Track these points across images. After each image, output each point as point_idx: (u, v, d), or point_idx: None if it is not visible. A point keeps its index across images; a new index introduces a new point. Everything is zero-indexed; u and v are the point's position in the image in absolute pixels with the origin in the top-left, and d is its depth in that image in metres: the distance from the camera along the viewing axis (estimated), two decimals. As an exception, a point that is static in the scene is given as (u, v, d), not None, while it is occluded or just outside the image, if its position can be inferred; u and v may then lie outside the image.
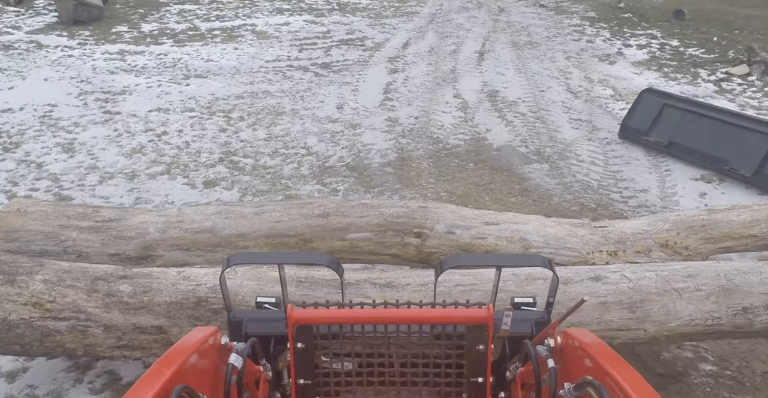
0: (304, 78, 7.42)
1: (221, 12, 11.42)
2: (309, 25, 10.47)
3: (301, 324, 1.51)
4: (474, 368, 1.56)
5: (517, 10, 12.62)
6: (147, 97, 6.57)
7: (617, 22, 11.03)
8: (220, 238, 2.75)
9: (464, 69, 8.03)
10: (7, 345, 2.23)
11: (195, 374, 1.27)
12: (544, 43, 9.56)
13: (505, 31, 10.39)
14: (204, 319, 2.22)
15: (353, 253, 2.83)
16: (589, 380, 1.18)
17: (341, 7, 12.43)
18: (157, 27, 9.89)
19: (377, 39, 9.57)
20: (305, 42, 9.22)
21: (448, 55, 8.70)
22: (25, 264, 2.32)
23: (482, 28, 10.69)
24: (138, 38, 9.09)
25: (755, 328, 2.37)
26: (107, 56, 8.10)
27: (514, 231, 2.80)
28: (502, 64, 8.26)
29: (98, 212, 2.83)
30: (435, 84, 7.34)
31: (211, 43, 8.98)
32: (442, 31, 10.36)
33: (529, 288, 2.29)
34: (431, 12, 12.24)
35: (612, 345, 2.20)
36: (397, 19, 11.30)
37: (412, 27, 10.64)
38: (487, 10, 12.58)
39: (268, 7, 12.08)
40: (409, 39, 9.72)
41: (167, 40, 9.08)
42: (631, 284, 2.34)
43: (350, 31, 10.13)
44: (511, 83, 7.40)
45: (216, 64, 7.92)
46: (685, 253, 2.81)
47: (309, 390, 1.60)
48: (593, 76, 7.76)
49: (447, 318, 1.52)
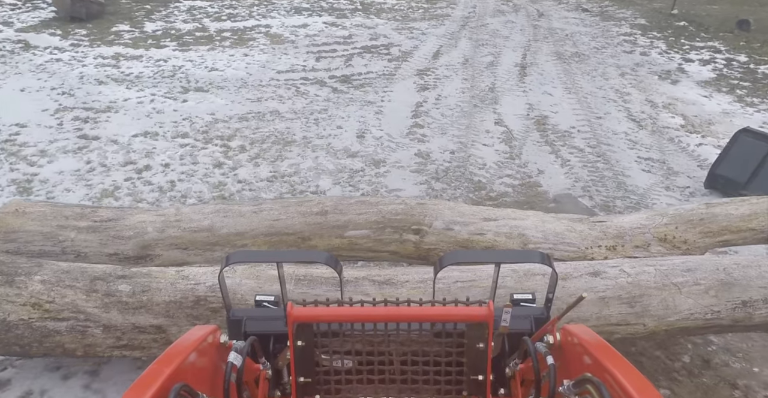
0: (320, 95, 6.38)
1: (235, 10, 10.41)
2: (329, 27, 9.42)
3: (301, 322, 1.51)
4: (474, 366, 1.56)
5: (558, 14, 11.46)
6: (135, 116, 5.61)
7: (672, 32, 10.01)
8: (219, 237, 2.75)
9: (505, 86, 6.98)
10: (6, 346, 2.23)
11: (194, 372, 1.27)
12: (593, 55, 8.57)
13: (548, 40, 9.32)
14: (203, 318, 2.22)
15: (352, 251, 2.82)
16: (589, 377, 1.18)
17: (365, 8, 11.26)
18: (161, 26, 9.03)
19: (404, 46, 8.53)
20: (323, 49, 8.18)
21: (485, 69, 7.65)
22: (24, 265, 2.31)
23: (521, 35, 9.57)
24: (138, 40, 8.26)
25: (754, 322, 2.37)
26: (99, 61, 7.23)
27: (512, 227, 2.80)
28: (547, 80, 7.24)
29: (96, 212, 2.82)
30: (472, 106, 6.28)
31: (219, 48, 8.04)
32: (476, 38, 9.26)
33: (528, 284, 2.29)
34: (463, 15, 11.03)
35: (611, 340, 2.21)
36: (426, 23, 10.16)
37: (443, 32, 9.50)
38: (525, 14, 11.39)
39: (286, 6, 10.98)
40: (440, 47, 8.60)
41: (170, 42, 8.21)
42: (630, 279, 2.34)
43: (374, 36, 9.07)
44: (561, 106, 6.37)
45: (221, 74, 6.95)
46: (684, 247, 2.81)
47: (309, 388, 1.60)
48: (656, 98, 6.75)
49: (447, 316, 1.52)
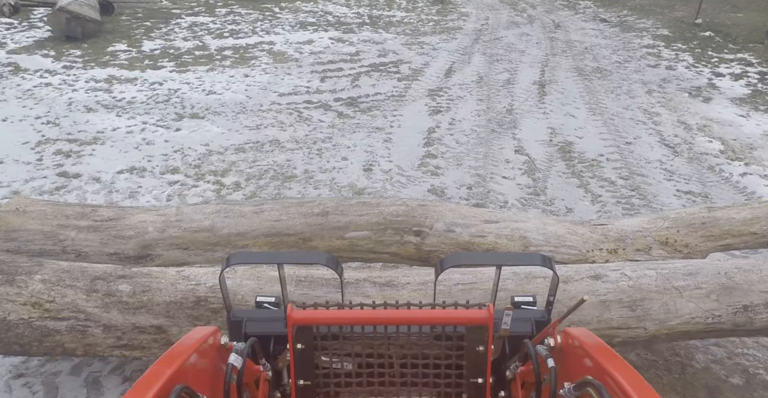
0: (324, 120, 5.90)
1: (237, 26, 9.95)
2: (335, 44, 8.98)
3: (300, 324, 1.51)
4: (474, 369, 1.55)
5: (575, 25, 10.95)
6: (122, 148, 5.13)
7: (698, 43, 9.45)
8: (219, 237, 2.75)
9: (523, 108, 6.46)
10: (6, 346, 2.22)
11: (194, 374, 1.27)
12: (616, 70, 8.03)
13: (566, 54, 8.82)
14: (203, 319, 2.22)
15: (352, 252, 2.82)
16: (589, 380, 1.18)
17: (373, 22, 10.77)
18: (160, 45, 8.58)
19: (415, 63, 8.06)
20: (329, 67, 7.73)
21: (501, 87, 7.14)
22: (24, 264, 2.31)
23: (538, 49, 9.09)
24: (134, 60, 7.81)
25: (755, 326, 2.37)
26: (91, 85, 6.74)
27: (513, 230, 2.79)
28: (569, 100, 6.72)
29: (97, 211, 2.82)
30: (489, 131, 5.76)
31: (219, 68, 7.59)
32: (490, 52, 8.77)
33: (529, 287, 2.29)
34: (476, 28, 10.54)
35: (612, 343, 2.22)
36: (437, 37, 9.68)
37: (455, 47, 9.02)
38: (541, 25, 10.88)
39: (291, 21, 10.49)
40: (452, 64, 8.12)
41: (168, 62, 7.75)
42: (631, 282, 2.33)
43: (383, 52, 8.59)
44: (586, 130, 5.82)
45: (219, 98, 6.47)
46: (686, 251, 2.81)
47: (309, 391, 1.59)
48: (689, 119, 6.20)
49: (447, 319, 1.52)
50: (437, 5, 12.87)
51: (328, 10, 11.73)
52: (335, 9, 11.90)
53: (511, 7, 13.14)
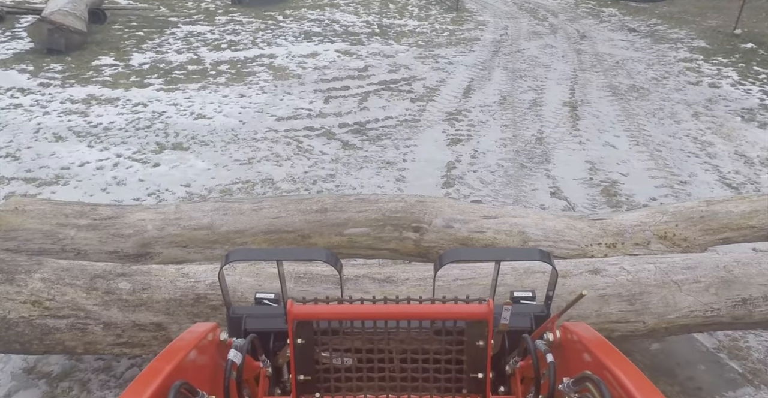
0: (326, 152, 5.08)
1: (237, 36, 9.17)
2: (342, 57, 8.18)
3: (301, 319, 1.51)
4: (474, 363, 1.56)
5: (601, 35, 10.07)
6: (87, 189, 4.35)
7: (740, 57, 8.53)
8: (218, 235, 2.75)
9: (555, 135, 5.63)
10: (6, 344, 2.23)
11: (194, 370, 1.27)
12: (654, 88, 7.19)
13: (596, 69, 8.01)
14: (203, 316, 2.22)
15: (351, 248, 2.82)
16: (588, 375, 1.18)
17: (383, 31, 9.93)
18: (150, 58, 7.85)
19: (429, 80, 7.25)
20: (334, 85, 6.92)
21: (527, 110, 6.34)
22: (24, 263, 2.31)
23: (564, 63, 8.26)
24: (119, 77, 7.05)
25: (754, 319, 2.37)
26: (66, 107, 5.96)
27: (512, 225, 2.79)
28: (606, 125, 5.90)
29: (96, 210, 2.82)
30: (518, 166, 4.92)
31: (212, 86, 6.80)
32: (512, 67, 7.97)
33: (528, 282, 2.29)
34: (495, 38, 9.67)
35: (611, 337, 2.22)
36: (453, 49, 8.84)
37: (473, 61, 8.22)
38: (565, 35, 10.04)
39: (295, 30, 9.67)
40: (471, 81, 7.31)
41: (156, 79, 6.98)
42: (630, 276, 2.34)
43: (394, 66, 7.80)
44: (631, 165, 4.97)
45: (208, 123, 5.66)
46: (684, 245, 2.81)
47: (309, 386, 1.60)
48: (748, 150, 5.36)
49: (447, 313, 1.52)
50: (452, 13, 12.09)
51: (335, 19, 10.91)
52: (343, 17, 11.12)
53: (530, 14, 12.30)
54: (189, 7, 11.63)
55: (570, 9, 13.08)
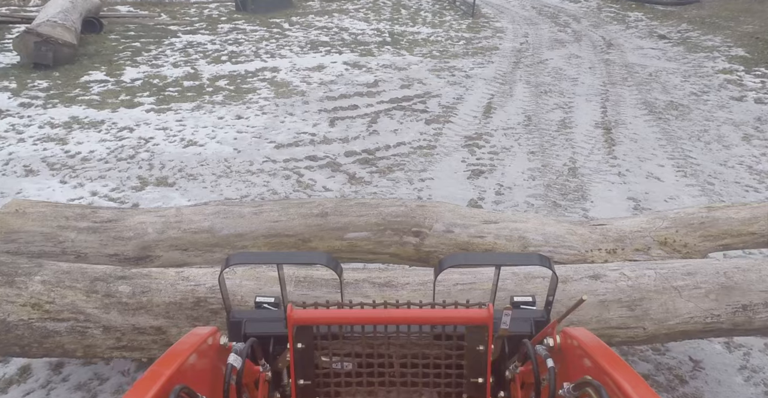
0: (330, 188, 4.58)
1: (239, 47, 8.66)
2: (350, 70, 7.62)
3: (300, 324, 1.51)
4: (474, 368, 1.56)
5: (630, 43, 9.40)
6: None
7: None
8: (219, 238, 2.75)
9: (590, 165, 4.98)
10: (6, 347, 2.22)
11: (194, 374, 1.27)
12: (694, 105, 6.53)
13: (628, 82, 7.37)
14: (203, 319, 2.22)
15: (352, 253, 2.82)
16: (588, 380, 1.18)
17: (395, 40, 9.33)
18: (144, 73, 7.31)
19: (446, 97, 6.66)
20: (341, 104, 6.35)
21: (556, 132, 5.75)
22: (24, 265, 2.31)
23: (592, 75, 7.63)
24: (108, 95, 6.51)
25: (755, 326, 2.37)
26: (45, 132, 5.42)
27: (513, 230, 2.79)
28: (647, 152, 5.27)
29: (96, 213, 2.82)
30: (551, 205, 4.37)
31: (207, 105, 6.24)
32: (536, 81, 7.34)
33: (528, 287, 2.29)
34: (514, 47, 9.08)
35: (611, 343, 2.22)
36: (471, 60, 8.25)
37: (493, 74, 7.63)
38: (590, 44, 9.39)
39: (301, 40, 9.13)
40: (491, 97, 6.71)
41: (147, 97, 6.45)
42: (630, 282, 2.34)
43: (407, 81, 7.21)
44: (681, 202, 4.41)
45: (199, 152, 5.10)
46: (684, 251, 2.81)
47: (309, 391, 1.60)
48: None
49: (447, 318, 1.52)
50: (467, 19, 11.55)
51: (343, 26, 10.43)
52: (352, 25, 10.61)
53: (551, 20, 11.67)
54: (191, 14, 11.29)
55: (593, 13, 12.49)
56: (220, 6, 12.11)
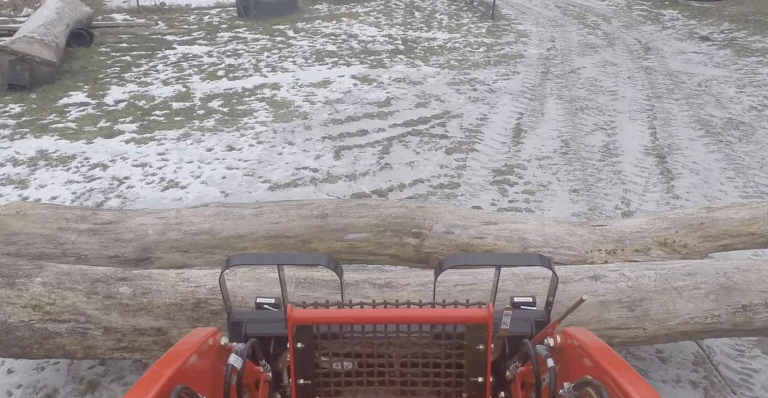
0: None
1: (237, 59, 7.92)
2: (359, 86, 6.83)
3: (301, 324, 1.51)
4: (474, 368, 1.56)
5: (669, 47, 8.54)
6: None
7: None
8: (219, 240, 2.75)
9: (648, 207, 4.23)
10: (7, 348, 2.22)
11: (194, 375, 1.27)
12: (757, 122, 5.69)
13: (675, 95, 6.49)
14: (203, 320, 2.22)
15: (352, 254, 2.82)
16: (589, 379, 1.18)
17: (408, 48, 8.53)
18: (130, 93, 6.58)
19: (467, 117, 5.84)
20: (348, 129, 5.58)
21: (600, 162, 4.90)
22: (25, 267, 2.31)
23: (632, 87, 6.75)
24: (86, 121, 5.78)
25: (755, 326, 2.37)
26: (5, 172, 4.70)
27: (512, 231, 2.80)
28: (713, 187, 4.48)
29: (97, 214, 2.83)
30: None
31: (196, 133, 5.48)
32: (569, 96, 6.48)
33: (528, 288, 2.29)
34: (541, 54, 8.24)
35: (611, 343, 2.22)
36: (493, 71, 7.43)
37: (519, 87, 6.80)
38: (625, 48, 8.53)
39: (306, 50, 8.38)
40: (520, 117, 5.88)
41: (130, 124, 5.72)
42: (630, 283, 2.34)
43: (423, 97, 6.41)
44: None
45: (180, 196, 4.39)
46: (684, 252, 2.81)
47: (309, 390, 1.60)
48: None
49: (447, 317, 1.52)
50: (486, 22, 10.73)
51: (353, 33, 9.65)
52: (361, 31, 9.86)
53: (578, 21, 10.80)
54: (190, 21, 10.62)
55: (623, 13, 11.55)
56: (222, 12, 11.54)
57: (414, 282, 2.33)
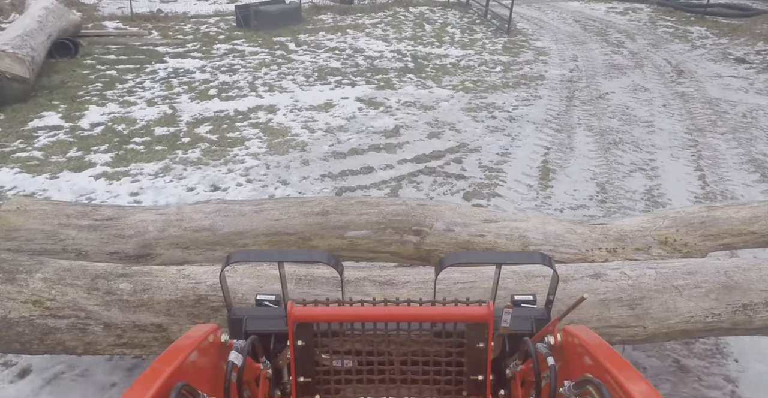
0: None
1: (233, 75, 7.27)
2: (364, 110, 6.19)
3: (301, 321, 1.51)
4: (474, 366, 1.56)
5: (704, 69, 7.88)
6: None
7: None
8: (219, 237, 2.75)
9: None
10: (7, 344, 2.22)
11: (195, 371, 1.27)
12: None
13: (719, 128, 5.81)
14: (204, 317, 2.22)
15: (352, 251, 2.82)
16: (589, 378, 1.18)
17: (418, 66, 7.87)
18: (110, 115, 5.91)
19: (487, 151, 5.22)
20: (351, 165, 4.98)
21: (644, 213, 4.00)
22: (25, 263, 2.31)
23: (669, 117, 6.09)
24: (55, 149, 5.09)
25: (755, 325, 2.37)
26: None
27: (513, 229, 2.80)
28: None
29: (97, 210, 2.83)
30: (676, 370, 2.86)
31: (176, 168, 4.85)
32: (600, 126, 5.84)
33: (528, 286, 2.29)
34: (564, 75, 7.62)
35: (611, 342, 2.22)
36: (513, 95, 6.81)
37: (543, 115, 6.18)
38: (655, 70, 7.86)
39: (307, 66, 7.73)
40: (546, 153, 5.24)
41: (104, 153, 5.02)
42: (630, 281, 2.34)
43: (436, 126, 5.79)
44: None
45: None
46: (685, 250, 2.81)
47: (309, 388, 1.60)
48: None
49: (447, 315, 1.52)
50: (502, 36, 10.09)
51: (358, 47, 9.03)
52: (368, 45, 9.24)
53: (600, 37, 10.13)
54: (186, 31, 9.94)
55: (647, 29, 10.84)
56: (221, 21, 10.83)
57: (414, 279, 2.33)
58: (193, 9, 11.88)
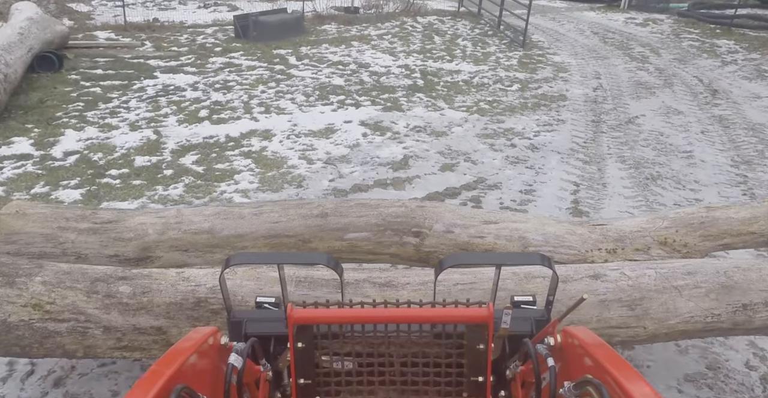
0: None
1: (227, 93, 6.71)
2: (369, 137, 5.62)
3: (301, 323, 1.51)
4: (474, 367, 1.56)
5: (738, 89, 7.22)
6: None
7: None
8: (219, 239, 2.75)
9: None
10: (6, 347, 2.22)
11: (195, 374, 1.27)
12: None
13: (766, 158, 5.23)
14: (203, 320, 2.22)
15: (352, 253, 2.82)
16: (589, 378, 1.18)
17: (429, 84, 7.28)
18: (87, 141, 5.32)
19: (508, 188, 4.64)
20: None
21: None
22: (25, 266, 2.31)
23: (710, 146, 5.47)
24: (18, 184, 4.53)
25: (755, 325, 2.37)
26: None
27: (512, 230, 2.80)
28: None
29: (96, 214, 2.83)
30: None
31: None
32: (633, 156, 5.24)
33: (528, 287, 2.29)
34: (587, 95, 6.98)
35: (611, 342, 2.22)
36: (533, 118, 6.20)
37: (568, 143, 5.54)
38: (687, 89, 7.22)
39: (308, 82, 7.18)
40: (576, 190, 4.62)
41: (74, 189, 4.46)
42: (630, 282, 2.34)
43: (449, 155, 5.21)
44: None
45: None
46: (684, 251, 2.81)
47: (309, 390, 1.60)
48: None
49: (447, 317, 1.52)
50: (517, 50, 9.47)
51: (363, 61, 8.38)
52: (374, 59, 8.56)
53: (622, 52, 9.43)
54: (181, 42, 9.33)
55: (671, 42, 10.16)
56: (218, 31, 10.23)
57: (414, 281, 2.33)
58: (192, 17, 11.38)
